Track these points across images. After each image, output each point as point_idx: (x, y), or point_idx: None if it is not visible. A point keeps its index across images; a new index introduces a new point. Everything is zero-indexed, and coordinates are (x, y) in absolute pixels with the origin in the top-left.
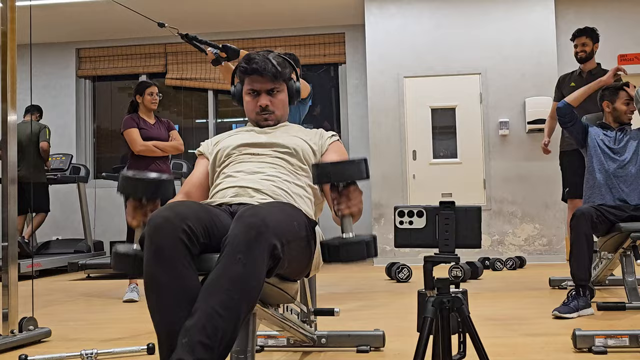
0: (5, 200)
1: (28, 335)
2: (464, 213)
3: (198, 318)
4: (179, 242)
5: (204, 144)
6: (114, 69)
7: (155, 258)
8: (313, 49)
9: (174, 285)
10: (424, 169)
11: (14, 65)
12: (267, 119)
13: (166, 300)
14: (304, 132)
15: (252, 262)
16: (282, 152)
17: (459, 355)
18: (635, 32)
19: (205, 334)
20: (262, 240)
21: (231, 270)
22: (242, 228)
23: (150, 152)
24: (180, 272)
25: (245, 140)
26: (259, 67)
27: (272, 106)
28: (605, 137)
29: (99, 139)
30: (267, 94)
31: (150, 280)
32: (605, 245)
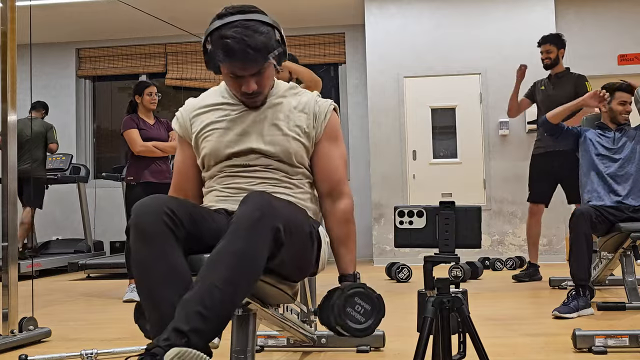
0: (5, 200)
1: (28, 335)
2: (464, 213)
3: (197, 290)
4: (161, 223)
5: (181, 123)
6: (114, 69)
7: (139, 240)
8: (313, 49)
9: (159, 262)
10: (424, 169)
11: (14, 65)
12: (255, 102)
13: (152, 278)
14: (297, 112)
15: (254, 240)
16: (273, 159)
17: (459, 355)
18: (635, 32)
19: (203, 305)
20: (266, 220)
21: (233, 245)
22: (248, 208)
23: (150, 153)
24: (164, 250)
25: (226, 145)
26: (240, 59)
27: (260, 87)
28: (603, 139)
29: (99, 139)
30: (252, 76)
31: (136, 260)
32: (605, 245)
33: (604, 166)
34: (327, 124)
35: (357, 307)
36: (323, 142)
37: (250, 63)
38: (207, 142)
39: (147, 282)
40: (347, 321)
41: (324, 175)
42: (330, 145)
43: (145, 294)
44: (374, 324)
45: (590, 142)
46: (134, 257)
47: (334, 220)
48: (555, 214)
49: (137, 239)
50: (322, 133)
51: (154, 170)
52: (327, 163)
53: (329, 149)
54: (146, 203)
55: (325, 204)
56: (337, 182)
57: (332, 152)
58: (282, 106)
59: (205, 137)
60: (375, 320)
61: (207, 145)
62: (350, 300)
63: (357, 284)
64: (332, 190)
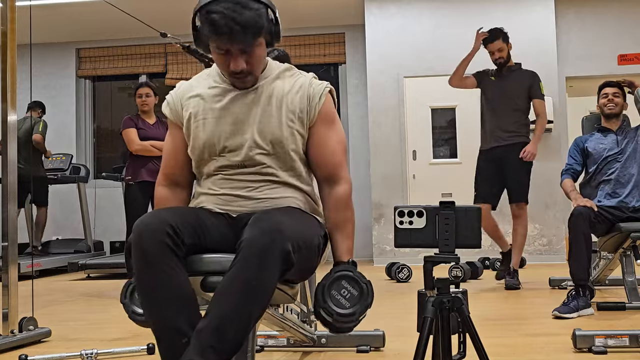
0: (5, 200)
1: (28, 335)
2: (464, 213)
3: (210, 320)
4: (163, 245)
5: (171, 107)
6: (114, 69)
7: (142, 262)
8: (313, 49)
9: (162, 286)
10: (424, 169)
11: (14, 65)
12: (244, 82)
13: (156, 301)
14: (291, 96)
15: (265, 267)
16: (268, 153)
17: (459, 355)
18: (635, 32)
19: (217, 337)
20: (276, 246)
21: (244, 273)
22: (257, 232)
23: (147, 152)
24: (166, 273)
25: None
26: (226, 34)
27: (249, 66)
28: (605, 143)
29: (99, 139)
30: (241, 53)
31: (140, 283)
32: (605, 245)
33: (608, 170)
34: (321, 107)
35: (343, 290)
36: (318, 126)
37: (237, 39)
38: (199, 132)
39: (154, 307)
40: (330, 304)
41: (320, 161)
42: (326, 129)
43: (154, 318)
44: (359, 312)
45: (593, 151)
46: (138, 280)
47: (332, 206)
48: (555, 213)
49: (140, 261)
50: (316, 116)
51: (150, 169)
52: (324, 148)
53: (325, 133)
54: (147, 222)
55: (323, 189)
56: (334, 166)
57: (328, 136)
58: (275, 90)
59: (197, 126)
60: (361, 308)
61: (200, 136)
62: (336, 283)
63: (346, 267)
64: (330, 176)
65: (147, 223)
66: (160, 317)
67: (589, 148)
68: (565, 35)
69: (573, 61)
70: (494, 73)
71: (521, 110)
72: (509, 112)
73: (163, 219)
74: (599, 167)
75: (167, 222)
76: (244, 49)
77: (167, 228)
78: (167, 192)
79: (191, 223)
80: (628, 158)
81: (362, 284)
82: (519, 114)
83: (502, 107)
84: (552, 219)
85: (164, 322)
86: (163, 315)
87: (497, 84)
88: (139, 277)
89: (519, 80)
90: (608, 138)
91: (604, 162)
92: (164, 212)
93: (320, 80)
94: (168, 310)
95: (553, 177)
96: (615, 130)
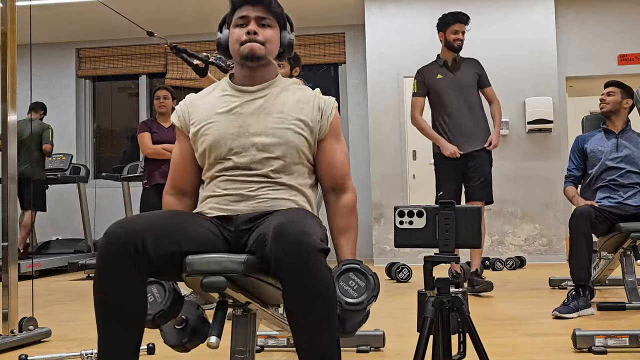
0: (5, 200)
1: (28, 335)
2: (464, 213)
3: (307, 344)
4: (125, 258)
5: (179, 115)
6: (114, 69)
7: (99, 274)
8: (313, 49)
9: (112, 301)
10: (424, 169)
11: (14, 65)
12: (252, 49)
13: (105, 315)
14: (300, 105)
15: (317, 274)
16: (274, 156)
17: (459, 355)
18: (635, 32)
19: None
20: (313, 249)
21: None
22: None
23: (160, 155)
24: (120, 289)
25: (229, 139)
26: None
27: (261, 35)
28: (604, 146)
29: (99, 139)
30: (256, 22)
31: (95, 292)
32: (605, 245)
33: (607, 177)
34: (332, 121)
35: (350, 282)
36: (328, 139)
37: (259, 3)
38: (207, 135)
39: (99, 312)
40: (339, 294)
41: (329, 172)
42: (334, 142)
43: (98, 321)
44: (367, 301)
45: (591, 154)
46: (94, 286)
47: (338, 213)
48: (555, 214)
49: (99, 271)
50: (327, 129)
51: (164, 172)
52: (332, 160)
53: (334, 147)
54: (117, 232)
55: (330, 198)
56: (342, 177)
57: (336, 149)
58: (285, 98)
59: (205, 130)
60: (368, 297)
61: (207, 139)
62: (344, 275)
63: (353, 260)
64: (337, 186)
65: (116, 234)
66: (105, 331)
67: (589, 149)
68: (565, 35)
69: (573, 61)
70: (437, 71)
71: (479, 105)
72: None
73: (134, 231)
74: (598, 172)
75: (138, 235)
76: (261, 17)
77: (136, 240)
78: (174, 201)
79: (167, 228)
80: (628, 162)
81: (368, 275)
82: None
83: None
84: (552, 219)
85: (106, 336)
86: (107, 329)
87: (450, 80)
88: (97, 283)
89: (469, 70)
90: (609, 142)
91: (603, 168)
92: (140, 221)
93: (326, 96)
94: (111, 326)
95: (553, 177)
96: (617, 133)
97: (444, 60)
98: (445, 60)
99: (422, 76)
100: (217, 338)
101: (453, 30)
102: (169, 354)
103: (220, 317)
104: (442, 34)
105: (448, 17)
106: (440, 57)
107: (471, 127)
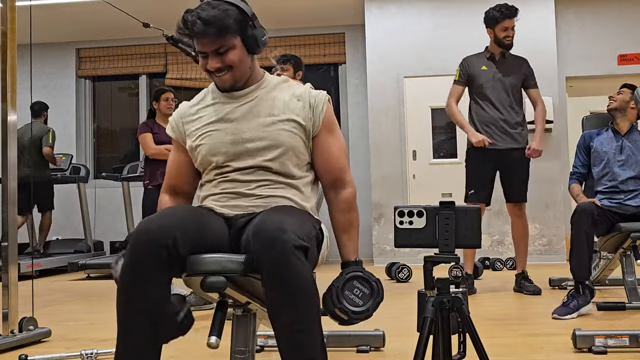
0: (5, 200)
1: (28, 335)
2: (464, 213)
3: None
4: (159, 258)
5: (174, 127)
6: (114, 69)
7: (130, 270)
8: (313, 49)
9: (139, 301)
10: (424, 169)
11: (14, 65)
12: (222, 80)
13: (131, 314)
14: (292, 104)
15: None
16: (269, 158)
17: (459, 355)
18: (635, 32)
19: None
20: (289, 246)
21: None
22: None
23: (162, 155)
24: (149, 294)
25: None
26: (196, 30)
27: (223, 64)
28: (608, 147)
29: (99, 139)
30: (215, 55)
31: (122, 289)
32: (605, 245)
33: (609, 181)
34: (324, 116)
35: (355, 290)
36: (322, 134)
37: (207, 36)
38: (203, 145)
39: (123, 313)
40: (345, 304)
41: (326, 168)
42: (328, 136)
43: (120, 320)
44: (372, 308)
45: (595, 153)
46: (121, 282)
47: (337, 209)
48: (555, 214)
49: (128, 271)
50: (320, 125)
51: (165, 172)
52: (328, 155)
53: (328, 141)
54: (151, 228)
55: (329, 194)
56: (339, 171)
57: (331, 143)
58: (274, 100)
59: (201, 142)
60: (374, 304)
61: (203, 149)
62: (348, 284)
63: (356, 268)
64: (336, 180)
65: (150, 231)
66: (129, 331)
67: (593, 147)
68: (565, 35)
69: (573, 61)
70: (483, 62)
71: (520, 105)
72: (508, 105)
73: (164, 228)
74: (599, 176)
75: (168, 232)
76: (216, 49)
77: (168, 240)
78: (170, 200)
79: (192, 228)
80: (631, 164)
81: (372, 282)
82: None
83: (499, 100)
84: (552, 219)
85: (131, 336)
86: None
87: (494, 75)
88: (124, 284)
89: (515, 70)
90: (613, 143)
91: (605, 171)
92: (168, 217)
93: (317, 90)
94: (137, 327)
95: (553, 177)
96: (623, 135)
97: (491, 54)
98: (492, 54)
99: (467, 65)
100: (217, 338)
101: (503, 27)
102: (170, 353)
103: (220, 317)
104: (491, 31)
105: (495, 14)
106: (489, 49)
107: (509, 125)
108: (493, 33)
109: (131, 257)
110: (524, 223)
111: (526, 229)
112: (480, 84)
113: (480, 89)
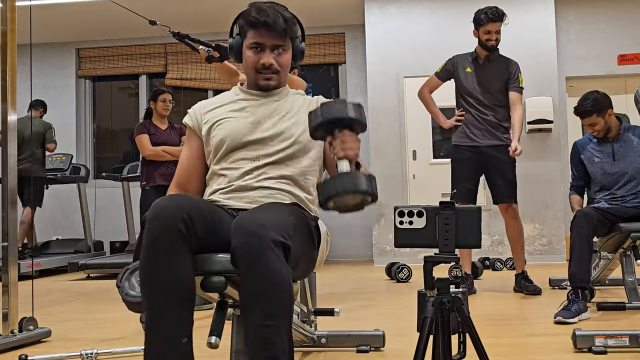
0: (5, 200)
1: (28, 335)
2: (464, 213)
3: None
4: (176, 232)
5: (192, 115)
6: (114, 69)
7: (150, 248)
8: (313, 49)
9: (165, 276)
10: (424, 169)
11: (14, 65)
12: (268, 80)
13: (156, 290)
14: (305, 109)
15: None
16: (282, 150)
17: (459, 355)
18: (635, 32)
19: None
20: (266, 241)
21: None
22: (242, 240)
23: (159, 157)
24: (172, 264)
25: (242, 132)
26: (270, 20)
27: (277, 65)
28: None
29: (99, 139)
30: (272, 50)
31: (143, 267)
32: (605, 245)
33: (605, 192)
34: None
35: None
36: None
37: (276, 29)
38: (221, 129)
39: (150, 292)
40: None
41: (334, 169)
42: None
43: (147, 303)
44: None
45: (588, 165)
46: (142, 262)
47: None
48: (555, 214)
49: (149, 246)
50: None
51: (163, 173)
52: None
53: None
54: (164, 204)
55: None
56: None
57: None
58: (292, 103)
59: (219, 126)
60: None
61: (220, 132)
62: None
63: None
64: None
65: (164, 206)
66: (155, 303)
67: (585, 160)
68: (565, 35)
69: (573, 61)
70: (468, 64)
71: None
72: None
73: (181, 204)
74: (596, 188)
75: (184, 208)
76: (276, 45)
77: (184, 214)
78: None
79: (205, 216)
80: (626, 165)
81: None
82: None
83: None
84: (552, 219)
85: (157, 308)
86: (158, 302)
87: (479, 76)
88: (145, 260)
89: (499, 71)
90: (604, 150)
91: (601, 184)
92: (182, 197)
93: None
94: (164, 300)
95: (553, 177)
96: (612, 140)
97: (476, 55)
98: (477, 56)
99: (452, 63)
100: (217, 338)
101: (485, 30)
102: None
103: (220, 317)
104: (477, 32)
105: (481, 16)
106: (476, 50)
107: (492, 125)
108: (478, 35)
109: (149, 232)
110: (517, 224)
111: (520, 230)
112: (463, 85)
113: (464, 90)
